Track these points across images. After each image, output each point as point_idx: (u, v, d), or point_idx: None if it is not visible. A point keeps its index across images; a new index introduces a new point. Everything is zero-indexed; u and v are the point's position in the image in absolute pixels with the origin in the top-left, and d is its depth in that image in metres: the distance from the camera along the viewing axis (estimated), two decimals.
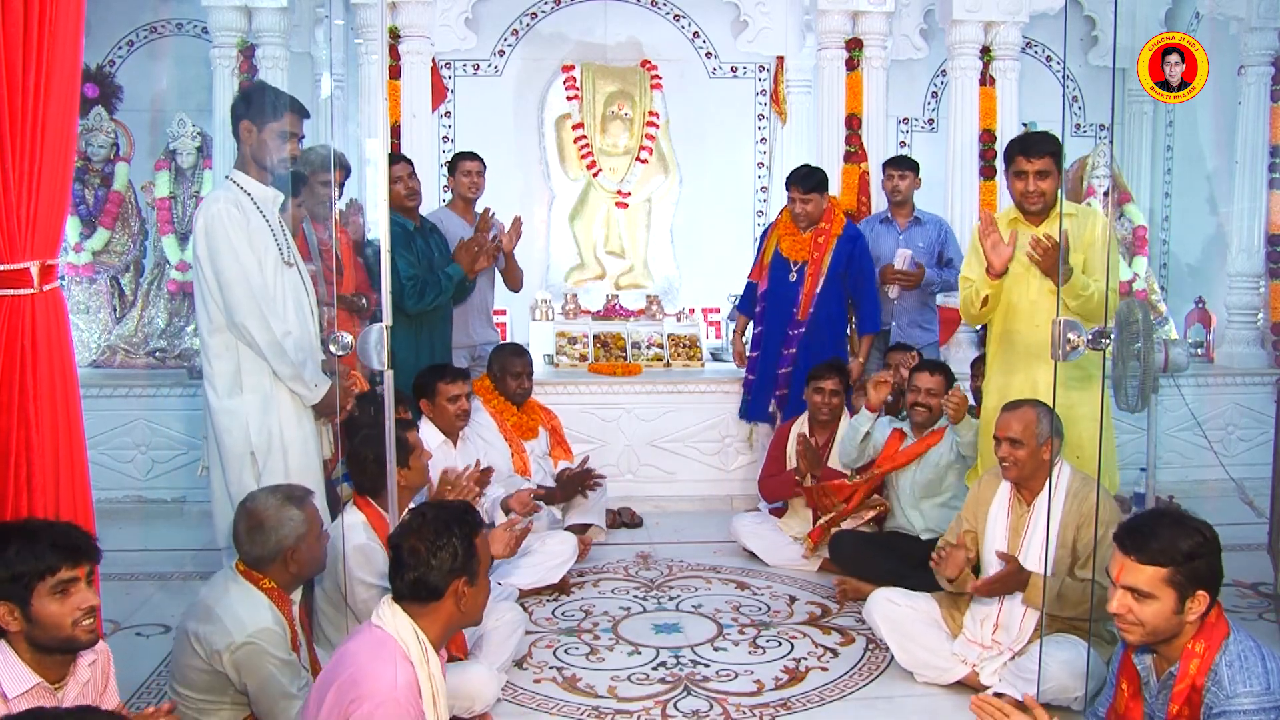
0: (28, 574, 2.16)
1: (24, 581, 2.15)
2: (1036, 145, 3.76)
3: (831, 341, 5.22)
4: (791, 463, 4.83)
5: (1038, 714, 2.30)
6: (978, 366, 4.73)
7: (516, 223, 5.23)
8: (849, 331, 5.41)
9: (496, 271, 5.29)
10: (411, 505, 3.41)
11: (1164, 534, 2.34)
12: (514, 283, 5.44)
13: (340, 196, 4.68)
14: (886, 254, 5.38)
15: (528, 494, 4.41)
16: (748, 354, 5.50)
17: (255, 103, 3.55)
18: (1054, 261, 3.59)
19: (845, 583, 4.26)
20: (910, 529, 4.43)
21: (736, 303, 5.83)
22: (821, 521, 4.65)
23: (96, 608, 2.25)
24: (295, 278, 3.58)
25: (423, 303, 4.67)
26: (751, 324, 5.51)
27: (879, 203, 5.80)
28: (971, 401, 5.08)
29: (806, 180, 5.14)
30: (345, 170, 4.54)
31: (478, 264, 4.91)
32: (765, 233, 5.51)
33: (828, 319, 5.23)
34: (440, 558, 2.31)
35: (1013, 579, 3.28)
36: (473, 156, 5.37)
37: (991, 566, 3.42)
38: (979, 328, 5.94)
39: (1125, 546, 2.38)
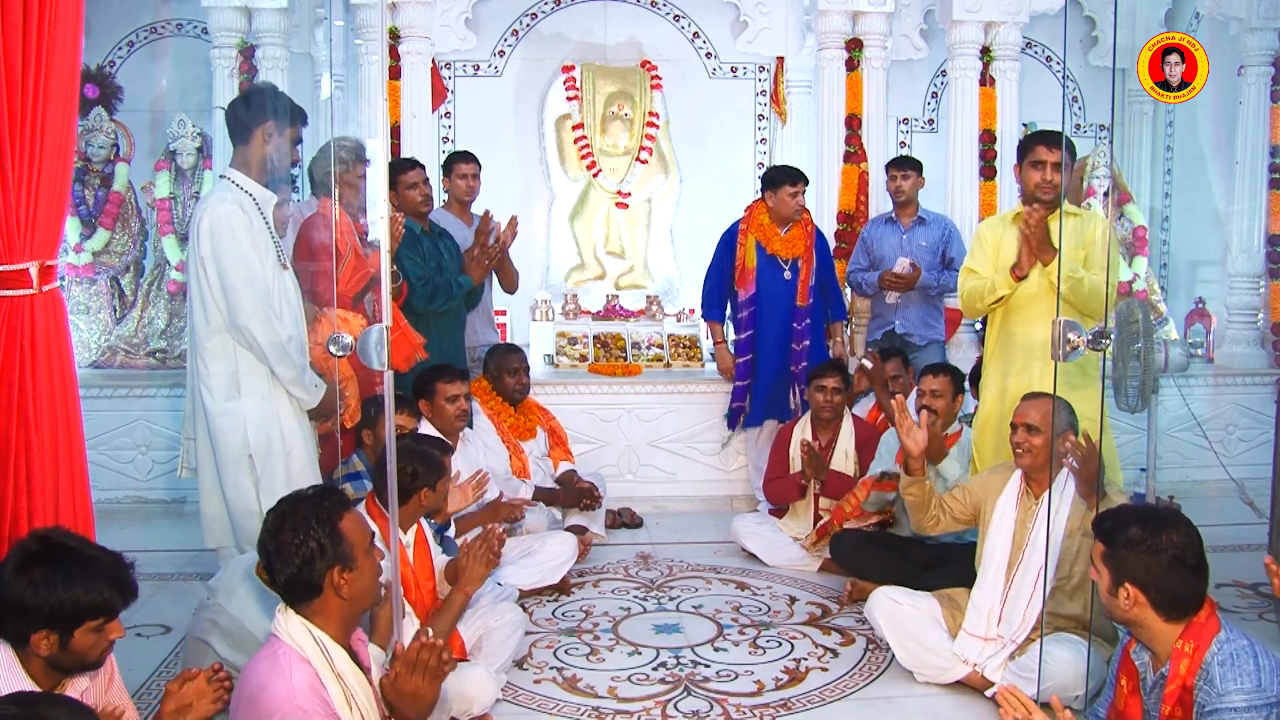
0: (87, 611, 2.12)
1: (80, 617, 2.11)
2: (1057, 138, 3.89)
3: (820, 333, 5.40)
4: (795, 465, 4.82)
5: (1063, 718, 2.29)
6: (972, 377, 4.70)
7: (513, 222, 5.09)
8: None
9: (493, 272, 5.26)
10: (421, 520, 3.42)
11: (1121, 517, 2.47)
12: (509, 284, 5.38)
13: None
14: (889, 253, 5.36)
15: (520, 505, 4.43)
16: (737, 360, 5.37)
17: (267, 105, 3.54)
18: (1043, 235, 3.72)
19: (855, 584, 4.25)
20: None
21: (703, 311, 5.61)
22: (822, 524, 4.65)
23: (120, 637, 2.22)
24: (289, 281, 3.57)
25: (432, 305, 4.62)
26: (733, 329, 5.45)
27: (877, 202, 5.80)
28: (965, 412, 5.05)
29: (802, 177, 5.23)
30: (365, 162, 4.51)
31: (483, 271, 4.90)
32: (730, 241, 5.36)
33: (818, 310, 5.38)
34: (305, 554, 2.21)
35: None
36: (468, 158, 5.27)
37: (994, 554, 3.43)
38: (979, 327, 5.96)
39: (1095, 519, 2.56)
